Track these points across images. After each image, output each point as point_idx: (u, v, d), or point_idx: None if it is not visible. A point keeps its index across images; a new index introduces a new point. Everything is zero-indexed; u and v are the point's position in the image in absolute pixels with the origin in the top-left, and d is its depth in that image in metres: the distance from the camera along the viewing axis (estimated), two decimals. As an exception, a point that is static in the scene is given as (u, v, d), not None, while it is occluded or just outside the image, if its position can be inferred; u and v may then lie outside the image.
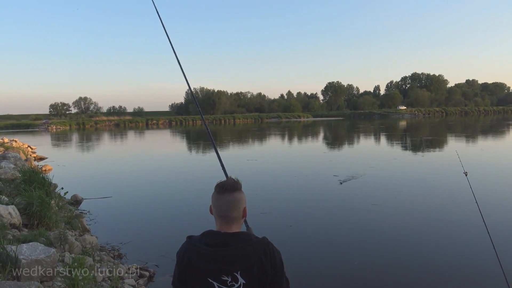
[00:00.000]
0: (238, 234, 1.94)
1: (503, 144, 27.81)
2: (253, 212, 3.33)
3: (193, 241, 1.97)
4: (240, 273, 1.87)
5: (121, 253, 7.10)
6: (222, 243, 1.89)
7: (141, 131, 61.88)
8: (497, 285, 5.41)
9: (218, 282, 1.89)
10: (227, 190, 1.97)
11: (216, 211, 1.99)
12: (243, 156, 21.99)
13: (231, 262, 1.87)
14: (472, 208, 3.67)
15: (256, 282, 1.88)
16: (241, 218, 2.03)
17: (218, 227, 1.99)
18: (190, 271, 1.96)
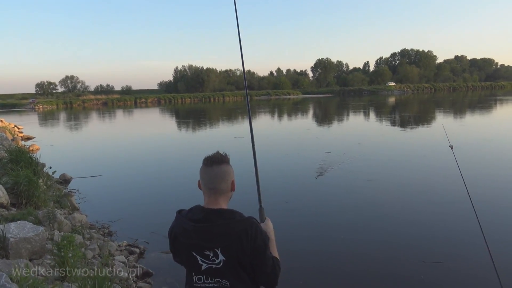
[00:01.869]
0: (222, 211, 1.95)
1: (488, 119, 28.10)
2: (248, 190, 3.35)
3: (181, 216, 2.01)
4: (220, 250, 1.90)
5: (111, 230, 7.14)
6: (205, 219, 1.92)
7: (130, 109, 61.32)
8: (479, 252, 5.56)
9: (201, 256, 1.93)
10: (215, 162, 1.98)
11: (204, 184, 2.00)
12: (231, 134, 21.96)
13: (211, 238, 1.89)
14: (457, 180, 3.72)
15: (235, 260, 1.91)
16: (230, 191, 2.04)
17: (206, 202, 2.00)
18: (177, 245, 2.03)
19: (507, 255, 5.53)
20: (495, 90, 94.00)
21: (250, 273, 1.97)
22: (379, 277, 5.29)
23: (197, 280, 1.99)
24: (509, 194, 8.73)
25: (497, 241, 5.94)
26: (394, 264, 5.63)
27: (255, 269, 1.96)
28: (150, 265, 5.62)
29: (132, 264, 5.57)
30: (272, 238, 2.20)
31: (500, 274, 2.59)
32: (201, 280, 1.98)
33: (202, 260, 1.94)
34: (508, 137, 17.53)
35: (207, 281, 1.97)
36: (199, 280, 1.98)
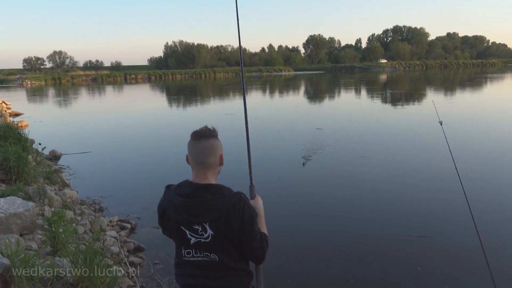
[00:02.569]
0: (210, 186, 1.95)
1: (478, 96, 28.26)
2: (239, 167, 3.36)
3: (170, 191, 2.02)
4: (208, 224, 1.91)
5: (102, 206, 7.15)
6: (193, 194, 1.92)
7: (120, 86, 60.61)
8: (466, 227, 5.68)
9: (190, 230, 1.95)
10: (203, 136, 1.98)
11: (192, 158, 2.00)
12: (222, 110, 21.88)
13: (199, 213, 1.90)
14: (446, 156, 3.75)
15: (223, 235, 1.92)
16: (218, 165, 2.04)
17: (194, 177, 2.00)
18: (166, 219, 2.04)
19: (493, 230, 5.64)
20: (486, 68, 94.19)
21: (238, 247, 2.00)
22: (366, 250, 5.38)
23: (186, 254, 2.01)
24: (497, 170, 8.85)
25: (484, 216, 6.08)
26: (381, 237, 5.72)
27: (243, 244, 1.98)
28: (141, 240, 5.67)
29: (124, 239, 5.61)
30: (261, 215, 2.22)
31: (485, 248, 2.64)
32: (190, 254, 2.00)
33: (191, 234, 1.95)
34: (496, 114, 17.68)
35: (196, 255, 1.99)
36: (188, 254, 2.00)
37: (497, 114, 17.72)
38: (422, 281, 4.53)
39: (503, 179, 8.19)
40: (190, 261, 2.02)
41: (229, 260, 1.99)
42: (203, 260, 1.99)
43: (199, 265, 2.01)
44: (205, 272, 2.01)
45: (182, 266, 2.07)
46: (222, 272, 2.00)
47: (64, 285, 3.44)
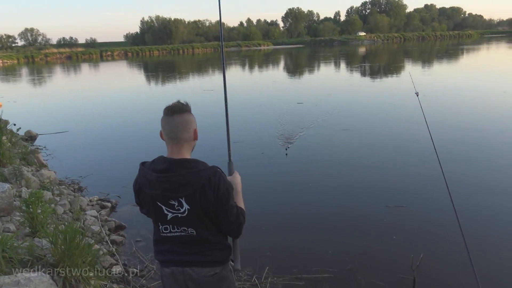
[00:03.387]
0: (185, 161, 1.95)
1: (454, 68, 28.61)
2: (220, 143, 3.34)
3: (144, 167, 2.02)
4: (184, 199, 1.92)
5: (81, 186, 7.09)
6: (168, 169, 1.92)
7: (96, 63, 59.22)
8: (441, 197, 5.84)
9: (166, 206, 1.96)
10: (176, 111, 1.96)
11: (166, 134, 1.99)
12: (200, 86, 21.65)
13: (175, 188, 1.91)
14: (422, 127, 3.83)
15: (199, 209, 1.93)
16: (192, 140, 2.03)
17: (169, 152, 2.00)
18: (142, 196, 2.06)
19: (467, 200, 5.82)
20: (462, 39, 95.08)
21: (215, 221, 2.01)
22: (344, 221, 5.49)
23: (164, 230, 2.02)
24: (471, 140, 9.07)
25: (459, 186, 6.26)
26: (359, 208, 5.84)
27: (219, 217, 1.99)
28: (122, 218, 5.66)
29: (104, 218, 5.59)
30: (238, 190, 2.23)
31: (460, 218, 2.72)
32: (167, 230, 2.01)
33: (167, 210, 1.96)
34: (472, 85, 17.96)
35: (173, 230, 2.01)
36: (166, 229, 2.02)
37: (472, 85, 18.01)
38: (398, 249, 4.67)
39: (478, 150, 8.38)
40: (168, 237, 2.03)
41: (207, 234, 2.01)
42: (180, 235, 2.01)
43: (177, 240, 2.03)
44: (183, 247, 2.03)
45: (160, 242, 2.09)
46: (200, 247, 2.03)
47: (45, 266, 3.42)
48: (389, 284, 3.96)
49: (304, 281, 4.06)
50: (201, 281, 2.04)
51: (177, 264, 2.05)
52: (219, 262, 2.08)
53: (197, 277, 2.04)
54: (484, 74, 22.54)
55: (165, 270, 2.10)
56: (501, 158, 7.79)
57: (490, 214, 5.47)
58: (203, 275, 2.04)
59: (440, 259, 4.38)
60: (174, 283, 2.08)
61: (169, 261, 2.08)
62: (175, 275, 2.07)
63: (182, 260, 2.04)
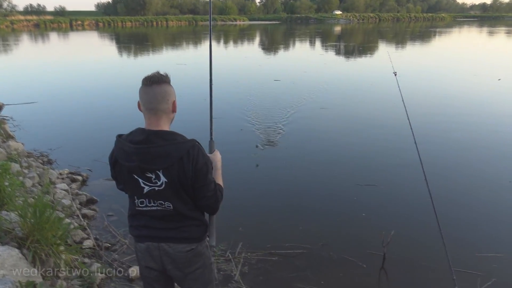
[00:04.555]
0: (163, 133, 1.90)
1: (427, 50, 29.04)
2: (194, 119, 3.28)
3: (121, 139, 1.95)
4: (162, 172, 1.88)
5: (51, 159, 6.89)
6: (146, 141, 1.87)
7: (65, 32, 57.12)
8: (415, 177, 5.98)
9: (143, 178, 1.91)
10: (155, 82, 1.90)
11: (144, 104, 1.92)
12: (173, 60, 21.21)
13: (152, 160, 1.86)
14: (399, 106, 3.87)
15: (177, 182, 1.90)
16: (171, 112, 1.98)
17: (147, 124, 1.94)
18: (117, 168, 1.99)
19: (441, 179, 5.94)
20: (436, 22, 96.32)
21: (192, 196, 1.98)
22: (314, 199, 5.56)
23: (140, 204, 1.98)
24: (446, 117, 9.37)
25: (434, 165, 6.40)
26: (332, 186, 5.93)
27: (196, 192, 1.96)
28: (94, 192, 5.55)
29: (75, 191, 5.47)
30: (218, 167, 2.22)
31: (434, 198, 2.79)
32: (144, 204, 1.97)
33: (144, 183, 1.92)
34: (445, 67, 18.30)
35: (150, 204, 1.97)
36: (142, 203, 1.97)
37: (447, 67, 18.34)
38: (369, 226, 4.76)
39: (453, 130, 8.60)
40: (144, 211, 1.99)
41: (184, 208, 1.98)
42: (157, 209, 1.97)
43: (153, 215, 1.99)
44: (159, 222, 2.00)
45: (135, 217, 2.05)
46: (177, 222, 2.00)
47: (13, 239, 3.33)
48: (360, 260, 4.06)
49: (278, 256, 4.11)
50: (176, 257, 2.03)
51: (152, 239, 2.02)
52: (195, 239, 2.07)
53: (173, 253, 2.02)
54: (457, 57, 22.97)
55: (140, 245, 2.07)
56: (475, 137, 8.05)
57: (464, 194, 5.64)
58: (178, 250, 2.02)
59: (411, 236, 4.51)
60: (149, 258, 2.06)
61: (144, 236, 2.04)
62: (150, 251, 2.04)
63: (158, 236, 2.01)
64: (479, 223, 4.85)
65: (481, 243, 4.39)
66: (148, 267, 2.10)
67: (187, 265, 2.07)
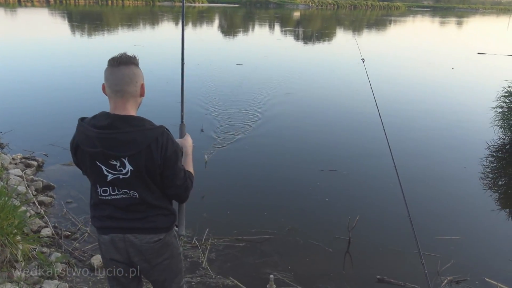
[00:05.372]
0: (130, 118, 1.79)
1: (385, 38, 29.73)
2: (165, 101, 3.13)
3: (84, 123, 1.81)
4: (127, 159, 1.77)
5: (2, 142, 6.49)
6: (110, 126, 1.75)
7: (13, 9, 53.85)
8: (382, 160, 6.11)
9: (106, 166, 1.80)
10: (123, 62, 1.78)
11: (109, 86, 1.80)
12: (130, 41, 20.50)
13: (117, 146, 1.75)
14: (366, 92, 3.91)
15: (144, 170, 1.80)
16: (139, 96, 1.87)
17: (112, 108, 1.82)
18: (79, 154, 1.86)
19: (408, 164, 6.14)
20: (391, 11, 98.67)
21: (159, 184, 1.89)
22: (282, 183, 5.59)
23: (102, 192, 1.87)
24: (410, 105, 9.72)
25: (401, 150, 6.57)
26: (294, 172, 5.95)
27: (165, 180, 1.88)
28: (51, 178, 5.28)
29: (30, 177, 5.20)
30: (189, 153, 2.15)
31: (402, 181, 2.83)
32: (107, 192, 1.86)
33: (107, 171, 1.80)
34: (400, 56, 18.79)
35: (114, 193, 1.86)
36: (105, 192, 1.86)
37: (402, 56, 18.85)
38: (335, 212, 4.84)
39: (416, 115, 8.93)
40: (107, 200, 1.88)
41: (150, 197, 1.89)
42: (122, 197, 1.86)
43: (117, 204, 1.88)
44: (124, 212, 1.90)
45: (98, 206, 1.93)
46: (143, 212, 1.91)
47: (-35, 229, 3.12)
48: (325, 244, 4.12)
49: (245, 242, 4.09)
50: (143, 248, 1.95)
51: (117, 230, 1.92)
52: (163, 229, 1.99)
53: (139, 244, 1.93)
54: (412, 46, 23.64)
55: (104, 237, 1.96)
56: (439, 123, 8.42)
57: (429, 180, 5.81)
58: (146, 241, 1.94)
59: (376, 221, 4.63)
60: (114, 250, 1.96)
61: (108, 228, 1.93)
62: (115, 242, 1.94)
63: (123, 226, 1.91)
64: (437, 207, 5.04)
65: (438, 226, 4.56)
66: (113, 260, 2.00)
67: (154, 256, 1.99)
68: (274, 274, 3.48)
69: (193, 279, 3.49)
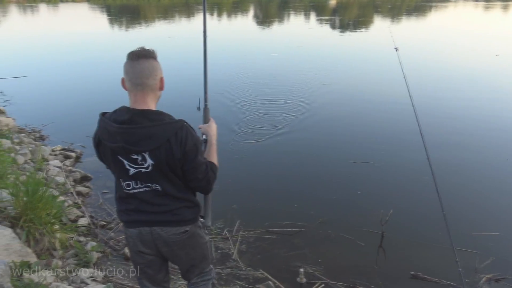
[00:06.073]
0: (149, 112, 1.80)
1: (425, 24, 28.73)
2: (189, 92, 3.11)
3: (105, 118, 1.84)
4: (148, 154, 1.79)
5: (43, 135, 6.77)
6: (130, 120, 1.76)
7: (55, 4, 55.75)
8: (414, 152, 5.93)
9: (128, 160, 1.82)
10: (142, 56, 1.79)
11: (129, 80, 1.81)
12: (166, 34, 20.77)
13: (137, 141, 1.76)
14: (400, 81, 3.78)
15: (164, 164, 1.81)
16: (158, 89, 1.88)
17: (132, 102, 1.83)
18: (102, 149, 1.89)
19: (444, 156, 5.87)
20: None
21: (182, 177, 1.90)
22: (315, 176, 5.53)
23: (126, 186, 1.89)
24: (448, 94, 9.35)
25: (436, 142, 6.32)
26: (326, 164, 5.88)
27: (186, 174, 1.89)
28: (88, 169, 5.46)
29: (69, 168, 5.39)
30: (212, 143, 2.13)
31: (436, 176, 2.73)
32: (130, 186, 1.88)
33: (129, 165, 1.82)
34: (442, 42, 18.11)
35: (137, 186, 1.88)
36: (128, 186, 1.88)
37: (444, 42, 18.15)
38: (368, 205, 4.73)
39: (454, 105, 8.54)
40: (132, 194, 1.90)
41: (173, 190, 1.90)
42: (145, 191, 1.88)
43: (142, 197, 1.90)
44: (150, 205, 1.91)
45: (124, 200, 1.96)
46: (168, 205, 1.92)
47: (6, 219, 3.26)
48: (357, 237, 4.05)
49: (276, 234, 4.09)
50: (170, 240, 1.97)
51: (144, 224, 1.94)
52: (188, 221, 2.00)
53: (166, 236, 1.96)
54: (454, 32, 22.75)
55: (131, 231, 1.98)
56: (477, 115, 7.96)
57: (467, 173, 5.58)
58: (172, 233, 1.96)
59: (410, 215, 4.49)
60: (141, 243, 1.99)
61: (136, 221, 1.96)
62: (142, 235, 1.96)
63: (150, 220, 1.94)
64: (476, 202, 4.84)
65: (477, 222, 4.39)
66: (141, 252, 2.03)
67: (181, 246, 2.02)
68: (304, 268, 3.47)
69: (224, 270, 3.52)
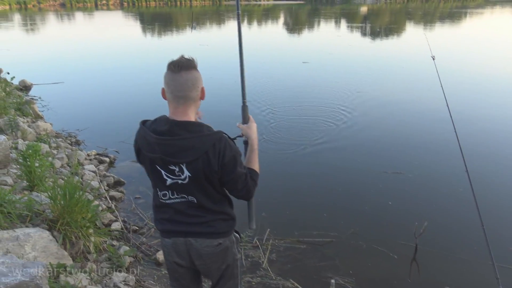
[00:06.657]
0: (189, 124, 1.80)
1: (459, 32, 28.06)
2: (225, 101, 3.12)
3: (145, 127, 1.86)
4: (185, 165, 1.79)
5: (79, 139, 6.95)
6: (169, 132, 1.77)
7: (90, 12, 57.48)
8: (451, 161, 5.78)
9: (165, 170, 1.83)
10: (184, 67, 1.77)
11: (172, 92, 1.80)
12: (196, 41, 21.06)
13: (176, 153, 1.77)
14: (436, 90, 3.69)
15: (202, 176, 1.81)
16: (199, 99, 1.88)
17: (172, 112, 1.83)
18: (141, 157, 1.93)
19: (482, 168, 5.67)
20: (467, 2, 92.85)
21: (219, 189, 1.91)
22: (346, 185, 5.46)
23: (162, 196, 1.91)
24: (486, 104, 9.08)
25: (474, 152, 6.14)
26: (358, 173, 5.77)
27: (226, 185, 1.90)
28: (121, 174, 5.57)
29: (103, 173, 5.51)
30: (254, 148, 2.09)
31: (474, 188, 2.64)
32: (166, 196, 1.90)
33: (166, 175, 1.84)
34: (480, 50, 17.64)
35: (173, 197, 1.89)
36: (164, 196, 1.90)
37: (480, 51, 17.68)
38: (401, 216, 4.63)
39: (493, 115, 8.27)
40: (168, 204, 1.92)
41: (209, 202, 1.91)
42: (181, 201, 1.89)
43: (177, 208, 1.92)
44: (185, 216, 1.92)
45: (159, 209, 1.99)
46: (203, 217, 1.93)
47: (44, 222, 3.35)
48: (389, 250, 3.96)
49: (306, 244, 4.05)
50: (203, 251, 1.97)
51: (178, 234, 1.96)
52: (222, 233, 2.00)
53: (200, 247, 1.96)
54: (490, 41, 22.13)
55: (166, 241, 2.01)
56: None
57: (505, 186, 5.39)
58: (205, 245, 1.96)
59: (446, 228, 4.35)
60: (176, 254, 2.01)
61: (170, 232, 1.98)
62: (176, 245, 1.98)
63: (184, 230, 1.95)
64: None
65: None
66: (176, 263, 2.05)
67: (213, 260, 2.02)
68: (335, 279, 3.42)
69: (254, 279, 3.51)
